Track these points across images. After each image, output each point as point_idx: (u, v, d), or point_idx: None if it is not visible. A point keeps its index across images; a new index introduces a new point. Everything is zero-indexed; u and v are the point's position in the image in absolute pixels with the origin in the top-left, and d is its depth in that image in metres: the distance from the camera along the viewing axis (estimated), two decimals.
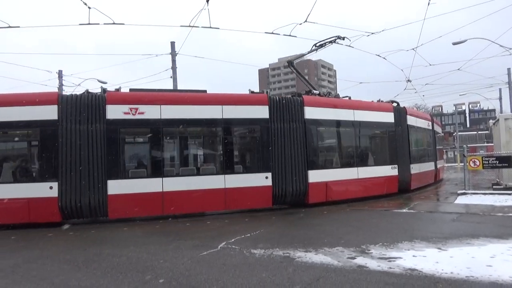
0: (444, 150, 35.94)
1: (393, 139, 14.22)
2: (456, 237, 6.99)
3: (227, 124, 11.15)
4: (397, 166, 14.00)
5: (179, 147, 11.36)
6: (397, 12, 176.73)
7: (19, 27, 12.41)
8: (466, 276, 4.70)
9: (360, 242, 6.76)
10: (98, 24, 12.30)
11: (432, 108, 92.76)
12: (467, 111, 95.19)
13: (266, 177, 11.16)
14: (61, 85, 24.07)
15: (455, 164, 39.35)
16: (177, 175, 10.76)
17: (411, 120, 15.40)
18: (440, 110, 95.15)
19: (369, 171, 13.27)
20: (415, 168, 15.22)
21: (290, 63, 14.95)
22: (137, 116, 10.30)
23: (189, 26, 12.92)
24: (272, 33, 13.40)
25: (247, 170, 11.48)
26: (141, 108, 10.33)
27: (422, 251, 6.06)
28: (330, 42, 14.30)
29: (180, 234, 8.42)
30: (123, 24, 12.98)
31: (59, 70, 23.96)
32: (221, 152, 11.24)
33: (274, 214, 10.98)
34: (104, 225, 9.95)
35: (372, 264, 5.43)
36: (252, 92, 12.09)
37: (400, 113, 14.84)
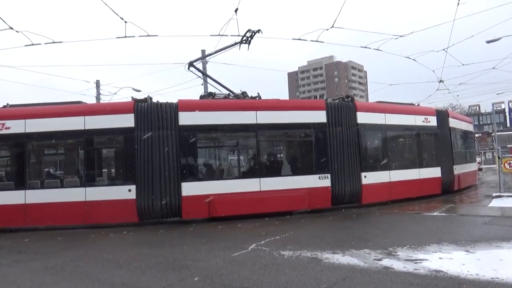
0: (482, 151, 34.77)
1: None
2: (486, 240, 6.97)
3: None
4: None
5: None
6: (426, 14, 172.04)
7: (61, 42, 13.37)
8: (491, 278, 4.78)
9: (387, 245, 6.89)
10: (134, 36, 13.00)
11: (469, 108, 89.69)
12: (507, 110, 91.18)
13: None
14: (98, 94, 25.32)
15: (494, 166, 37.88)
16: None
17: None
18: (477, 109, 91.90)
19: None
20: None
21: (190, 64, 13.62)
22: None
23: (219, 35, 13.40)
24: (299, 39, 13.66)
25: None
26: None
27: (449, 253, 6.13)
28: (246, 38, 13.40)
29: (212, 236, 8.82)
30: (157, 35, 13.65)
31: (96, 80, 25.23)
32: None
33: (304, 217, 11.18)
34: (141, 228, 10.51)
35: (398, 265, 5.58)
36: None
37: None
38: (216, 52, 13.59)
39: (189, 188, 10.63)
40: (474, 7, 16.26)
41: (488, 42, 19.33)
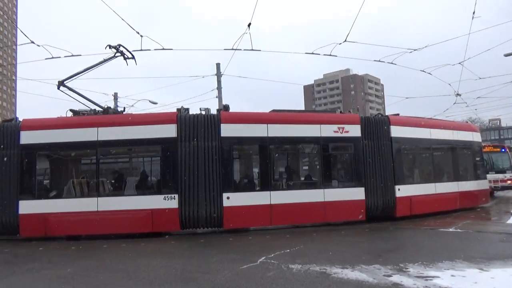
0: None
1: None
2: (502, 258, 6.78)
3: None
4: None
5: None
6: (440, 27, 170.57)
7: (80, 55, 13.77)
8: None
9: (398, 260, 6.76)
10: (149, 50, 13.30)
11: (489, 122, 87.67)
12: None
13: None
14: (116, 106, 25.82)
15: None
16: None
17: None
18: (498, 123, 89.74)
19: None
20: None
21: (60, 83, 12.12)
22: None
23: (232, 49, 13.60)
24: (313, 53, 13.72)
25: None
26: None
27: (462, 271, 5.98)
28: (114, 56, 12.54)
29: (223, 248, 8.83)
30: (172, 49, 13.94)
31: (114, 93, 25.71)
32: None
33: (316, 231, 11.08)
34: (153, 239, 10.57)
35: (407, 282, 5.47)
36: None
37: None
38: (87, 69, 12.35)
39: None
40: (489, 20, 16.08)
41: (506, 55, 19.00)
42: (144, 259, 7.90)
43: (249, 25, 12.30)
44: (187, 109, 11.56)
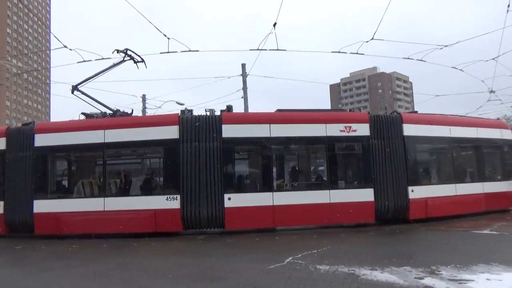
0: None
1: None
2: None
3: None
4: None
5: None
6: (471, 22, 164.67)
7: (110, 58, 14.11)
8: None
9: (430, 263, 6.58)
10: (176, 52, 13.51)
11: None
12: None
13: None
14: (144, 108, 26.42)
15: None
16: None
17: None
18: None
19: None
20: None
21: (74, 87, 12.60)
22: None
23: (258, 49, 13.63)
24: (339, 51, 13.58)
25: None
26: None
27: (499, 274, 5.76)
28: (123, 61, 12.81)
29: (249, 248, 8.88)
30: (198, 50, 14.11)
31: (143, 95, 26.34)
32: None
33: (343, 232, 10.97)
34: (182, 238, 10.76)
35: (440, 285, 5.32)
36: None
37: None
38: (98, 73, 12.71)
39: None
40: None
41: None
42: (173, 257, 8.09)
43: (274, 24, 12.31)
44: (191, 111, 11.64)
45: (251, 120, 11.51)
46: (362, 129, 11.66)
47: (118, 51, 12.62)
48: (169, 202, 10.61)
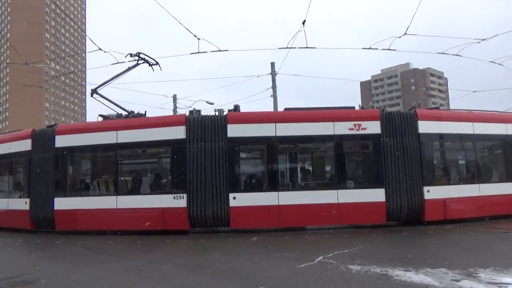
0: None
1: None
2: None
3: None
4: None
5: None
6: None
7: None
8: None
9: (467, 265, 6.33)
10: (206, 52, 13.67)
11: None
12: None
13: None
14: (175, 108, 26.91)
15: None
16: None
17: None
18: None
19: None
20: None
21: (93, 91, 13.31)
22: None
23: (287, 47, 13.59)
24: (370, 48, 13.31)
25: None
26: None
27: None
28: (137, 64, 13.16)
29: (279, 247, 8.85)
30: (227, 50, 14.22)
31: (173, 95, 26.80)
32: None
33: (375, 232, 10.76)
34: (212, 236, 10.90)
35: None
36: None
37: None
38: (115, 77, 13.24)
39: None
40: None
41: None
42: (204, 254, 8.19)
43: (303, 22, 12.25)
44: (199, 111, 11.80)
45: (256, 119, 11.36)
46: (373, 127, 11.25)
47: (131, 55, 13.09)
48: (176, 201, 10.81)
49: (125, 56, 13.23)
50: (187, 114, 11.56)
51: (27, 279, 6.45)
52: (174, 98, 26.70)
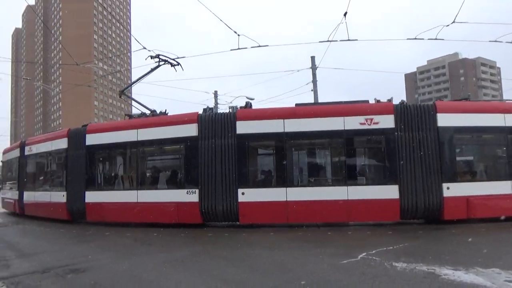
0: None
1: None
2: None
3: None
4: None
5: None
6: None
7: (184, 57, 14.83)
8: None
9: None
10: (246, 48, 13.72)
11: None
12: None
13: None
14: (216, 104, 27.31)
15: None
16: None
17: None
18: None
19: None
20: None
21: (121, 92, 14.99)
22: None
23: (328, 41, 13.32)
24: (415, 38, 12.74)
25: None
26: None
27: None
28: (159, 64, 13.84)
29: (321, 242, 8.76)
30: (267, 45, 14.17)
31: (214, 91, 27.22)
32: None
33: (421, 229, 10.34)
34: (253, 230, 10.98)
35: None
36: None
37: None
38: (139, 78, 14.12)
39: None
40: None
41: None
42: (245, 248, 8.28)
43: (345, 14, 11.92)
44: (212, 109, 12.27)
45: (264, 116, 11.35)
46: (386, 121, 10.76)
47: (151, 57, 13.77)
48: (189, 196, 11.22)
49: (145, 59, 13.98)
50: (200, 112, 11.92)
51: (80, 268, 6.84)
52: (215, 94, 27.11)
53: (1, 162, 21.06)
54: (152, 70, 14.12)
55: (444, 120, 10.74)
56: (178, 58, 14.38)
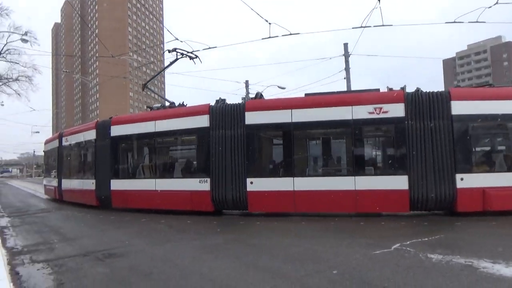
0: None
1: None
2: None
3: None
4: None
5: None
6: None
7: (216, 47, 14.96)
8: None
9: None
10: (277, 36, 13.63)
11: None
12: None
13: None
14: (247, 93, 27.37)
15: None
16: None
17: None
18: None
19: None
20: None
21: (144, 86, 15.82)
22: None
23: (361, 27, 13.01)
24: (454, 22, 12.17)
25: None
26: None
27: None
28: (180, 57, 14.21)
29: (354, 232, 8.69)
30: (299, 33, 14.00)
31: (246, 81, 27.27)
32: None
33: (459, 220, 10.00)
34: (284, 219, 11.02)
35: None
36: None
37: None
38: (160, 72, 14.93)
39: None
40: None
41: None
42: (277, 237, 8.34)
43: None
44: (224, 100, 12.41)
45: (272, 106, 11.44)
46: (396, 110, 10.40)
47: (169, 51, 14.29)
48: (201, 185, 11.66)
49: (163, 53, 14.51)
50: (211, 104, 12.13)
51: (118, 252, 7.15)
52: (246, 84, 27.18)
53: (43, 151, 22.51)
54: (171, 63, 14.85)
55: (459, 107, 10.24)
56: (209, 48, 14.55)
